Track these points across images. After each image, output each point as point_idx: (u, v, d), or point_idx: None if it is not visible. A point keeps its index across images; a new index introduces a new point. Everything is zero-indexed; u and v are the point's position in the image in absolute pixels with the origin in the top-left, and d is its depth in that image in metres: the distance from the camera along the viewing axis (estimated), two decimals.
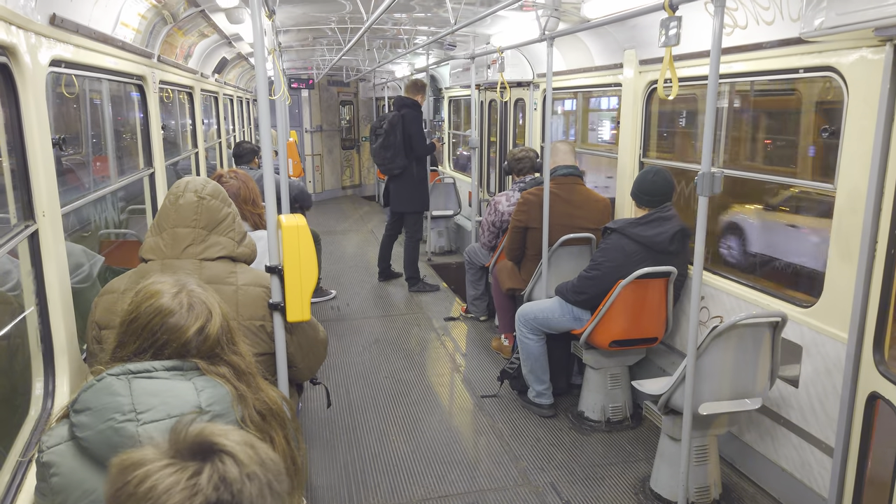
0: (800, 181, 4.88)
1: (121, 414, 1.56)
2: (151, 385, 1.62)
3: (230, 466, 1.04)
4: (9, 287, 2.76)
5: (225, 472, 1.03)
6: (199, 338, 1.72)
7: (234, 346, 1.81)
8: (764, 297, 3.70)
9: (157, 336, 1.70)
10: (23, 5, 2.37)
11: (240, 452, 1.07)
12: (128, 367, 1.64)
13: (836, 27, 2.62)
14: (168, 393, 1.61)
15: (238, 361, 1.79)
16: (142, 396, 1.59)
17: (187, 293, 1.76)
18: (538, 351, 4.53)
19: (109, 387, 1.60)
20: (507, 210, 5.60)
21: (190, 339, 1.71)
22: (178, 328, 1.70)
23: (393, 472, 3.95)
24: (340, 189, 16.25)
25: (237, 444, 1.08)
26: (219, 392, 1.67)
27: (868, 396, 2.92)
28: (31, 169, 2.50)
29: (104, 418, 1.56)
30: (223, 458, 1.05)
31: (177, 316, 1.71)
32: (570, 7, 4.86)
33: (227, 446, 1.07)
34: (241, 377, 1.77)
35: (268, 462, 1.11)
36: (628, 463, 4.02)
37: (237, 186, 3.58)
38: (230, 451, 1.06)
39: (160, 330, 1.70)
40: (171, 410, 1.59)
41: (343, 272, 8.59)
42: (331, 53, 10.18)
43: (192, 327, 1.71)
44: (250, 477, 1.05)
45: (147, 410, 1.57)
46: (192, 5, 4.62)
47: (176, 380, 1.65)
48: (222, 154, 8.49)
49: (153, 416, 1.57)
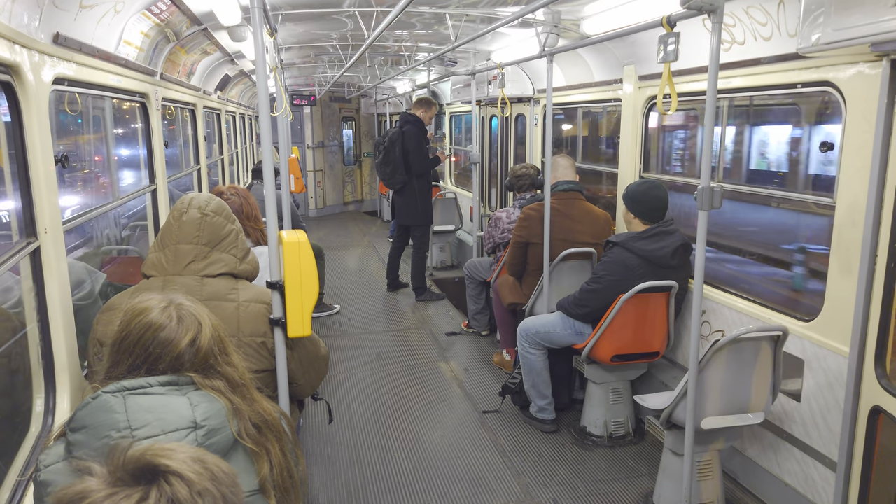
0: (800, 195, 4.89)
1: (116, 431, 1.56)
2: (146, 401, 1.62)
3: (178, 487, 1.00)
4: (10, 304, 2.77)
5: (174, 494, 0.99)
6: (192, 349, 1.72)
7: (227, 356, 1.82)
8: (765, 311, 3.70)
9: (150, 351, 1.70)
10: (27, 24, 2.40)
11: (187, 470, 1.03)
12: (123, 384, 1.64)
13: (832, 43, 2.64)
14: (163, 409, 1.61)
15: (232, 373, 1.79)
16: (137, 413, 1.59)
17: (176, 307, 1.77)
18: (540, 366, 4.52)
19: (105, 404, 1.60)
20: (507, 227, 5.64)
21: (183, 352, 1.71)
22: (170, 341, 1.71)
23: (395, 488, 3.93)
24: (342, 204, 16.28)
25: (184, 463, 1.04)
26: (214, 407, 1.68)
27: (870, 410, 2.91)
28: (34, 186, 2.51)
29: (100, 436, 1.56)
30: (169, 478, 1.01)
31: (167, 329, 1.71)
32: (569, 24, 4.90)
33: (171, 466, 1.03)
34: (236, 389, 1.77)
35: (220, 475, 1.07)
36: (631, 478, 4.00)
37: (238, 203, 3.60)
38: (176, 470, 1.02)
39: (152, 345, 1.70)
40: (165, 426, 1.59)
41: (345, 287, 8.60)
42: (332, 70, 10.25)
43: (184, 339, 1.72)
44: (202, 494, 1.01)
45: (142, 427, 1.57)
46: (195, 24, 4.66)
47: (171, 395, 1.66)
48: (224, 171, 8.53)
49: (148, 433, 1.57)
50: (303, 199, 15.15)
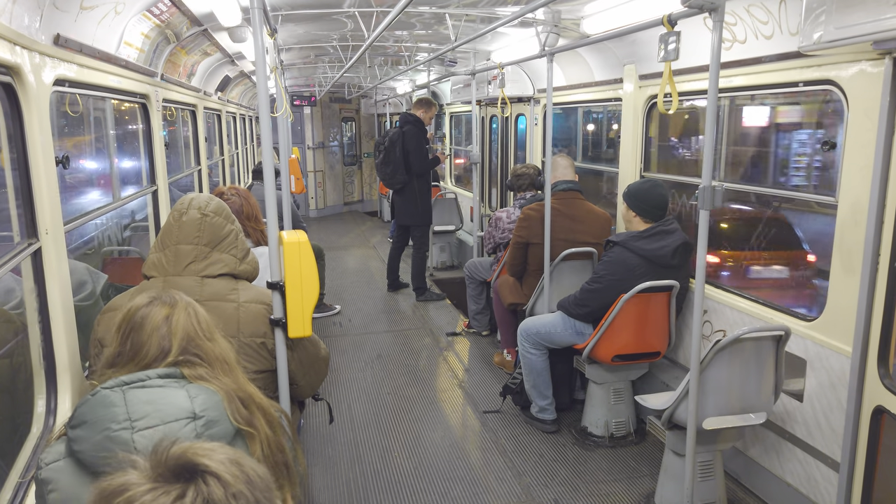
0: (802, 195, 4.88)
1: (116, 423, 1.58)
2: (146, 394, 1.65)
3: (214, 487, 1.02)
4: (11, 304, 2.77)
5: (209, 494, 1.01)
6: (167, 326, 1.81)
7: (211, 334, 1.88)
8: (767, 310, 3.69)
9: (131, 335, 1.79)
10: (27, 25, 2.40)
11: (224, 472, 1.05)
12: (121, 378, 1.67)
13: (834, 41, 2.63)
14: (162, 401, 1.65)
15: (211, 348, 1.84)
16: (136, 405, 1.62)
17: (159, 300, 1.87)
18: (541, 366, 4.51)
19: (104, 399, 1.62)
20: (507, 227, 5.64)
21: (159, 326, 1.80)
22: (147, 317, 1.82)
23: (395, 488, 3.92)
24: (342, 205, 16.28)
25: (221, 464, 1.06)
26: (212, 399, 1.71)
27: (873, 410, 2.90)
28: (35, 187, 2.51)
29: (100, 429, 1.58)
30: (207, 478, 1.03)
31: (143, 309, 1.83)
32: (569, 23, 4.90)
33: (210, 466, 1.05)
34: (215, 364, 1.81)
35: (255, 480, 1.09)
36: (632, 479, 3.99)
37: (239, 203, 3.59)
38: (214, 471, 1.05)
39: (131, 328, 1.80)
40: (165, 417, 1.62)
41: (346, 287, 8.60)
42: (332, 71, 10.26)
43: (160, 314, 1.82)
44: (236, 497, 1.03)
45: (142, 418, 1.60)
46: (195, 24, 4.66)
47: (170, 388, 1.69)
48: (224, 171, 8.53)
49: (147, 423, 1.60)
50: (303, 200, 15.16)
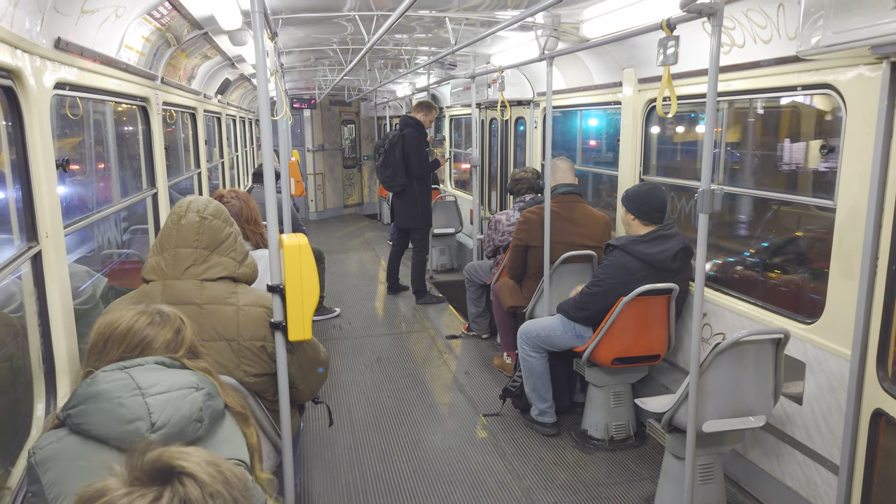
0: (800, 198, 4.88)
1: (126, 392, 1.63)
2: (147, 372, 1.72)
3: (191, 488, 1.04)
4: (11, 308, 2.77)
5: (186, 494, 1.03)
6: (178, 338, 1.89)
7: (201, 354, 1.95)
8: (766, 313, 3.70)
9: (143, 337, 1.84)
10: (28, 29, 2.40)
11: (201, 472, 1.07)
12: (119, 363, 1.73)
13: (832, 45, 2.64)
14: (165, 374, 1.73)
15: (208, 363, 1.95)
16: (142, 376, 1.68)
17: (157, 310, 1.93)
18: (540, 369, 4.51)
19: (107, 377, 1.66)
20: (507, 230, 5.64)
21: (170, 340, 1.88)
22: (155, 334, 1.87)
23: (395, 492, 3.92)
24: (342, 207, 16.29)
25: (198, 465, 1.08)
26: (207, 379, 1.82)
27: (872, 413, 2.90)
28: (35, 190, 2.52)
29: (110, 398, 1.61)
30: (183, 479, 1.05)
31: (152, 325, 1.88)
32: (569, 27, 4.91)
33: (186, 468, 1.07)
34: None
35: (232, 480, 1.11)
36: (632, 482, 3.99)
37: (239, 206, 3.59)
38: (190, 472, 1.06)
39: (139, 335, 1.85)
40: (171, 385, 1.69)
41: (345, 290, 8.60)
42: (333, 74, 10.27)
43: (170, 331, 1.89)
44: (213, 496, 1.05)
45: (152, 385, 1.66)
46: (196, 28, 4.67)
47: (169, 369, 1.78)
48: (224, 174, 8.54)
49: (159, 389, 1.66)
50: (303, 203, 15.17)
